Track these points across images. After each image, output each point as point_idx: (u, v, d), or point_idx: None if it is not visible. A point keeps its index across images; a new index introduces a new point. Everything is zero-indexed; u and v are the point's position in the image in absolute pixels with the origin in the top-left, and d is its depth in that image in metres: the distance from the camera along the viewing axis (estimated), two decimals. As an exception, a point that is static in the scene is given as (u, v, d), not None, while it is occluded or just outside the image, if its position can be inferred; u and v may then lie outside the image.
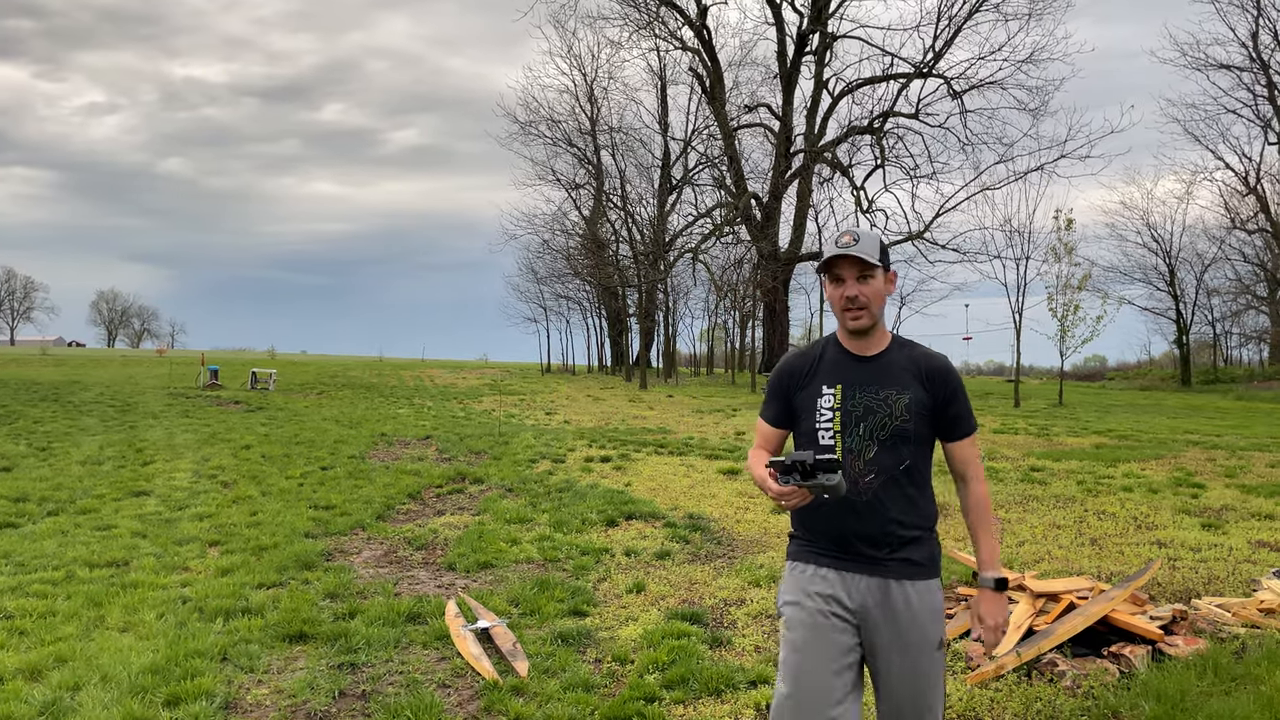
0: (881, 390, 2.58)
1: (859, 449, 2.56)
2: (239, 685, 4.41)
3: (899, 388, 2.58)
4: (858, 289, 2.58)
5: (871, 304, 2.59)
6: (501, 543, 7.33)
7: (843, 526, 2.60)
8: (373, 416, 19.46)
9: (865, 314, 2.59)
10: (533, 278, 50.17)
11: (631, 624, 5.35)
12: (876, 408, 2.56)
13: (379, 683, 4.46)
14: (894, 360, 2.62)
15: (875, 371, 2.61)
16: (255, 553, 6.96)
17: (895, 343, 2.68)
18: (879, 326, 2.66)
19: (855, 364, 2.63)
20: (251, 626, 5.19)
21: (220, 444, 13.76)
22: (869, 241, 2.60)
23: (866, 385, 2.59)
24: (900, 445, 2.56)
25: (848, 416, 2.57)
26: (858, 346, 2.65)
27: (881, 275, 2.61)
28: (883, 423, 2.55)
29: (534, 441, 14.34)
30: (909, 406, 2.56)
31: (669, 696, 4.24)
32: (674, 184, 41.37)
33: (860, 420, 2.56)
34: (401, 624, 5.26)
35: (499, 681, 4.39)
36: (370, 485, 10.08)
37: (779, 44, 36.62)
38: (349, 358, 78.04)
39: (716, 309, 49.29)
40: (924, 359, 2.64)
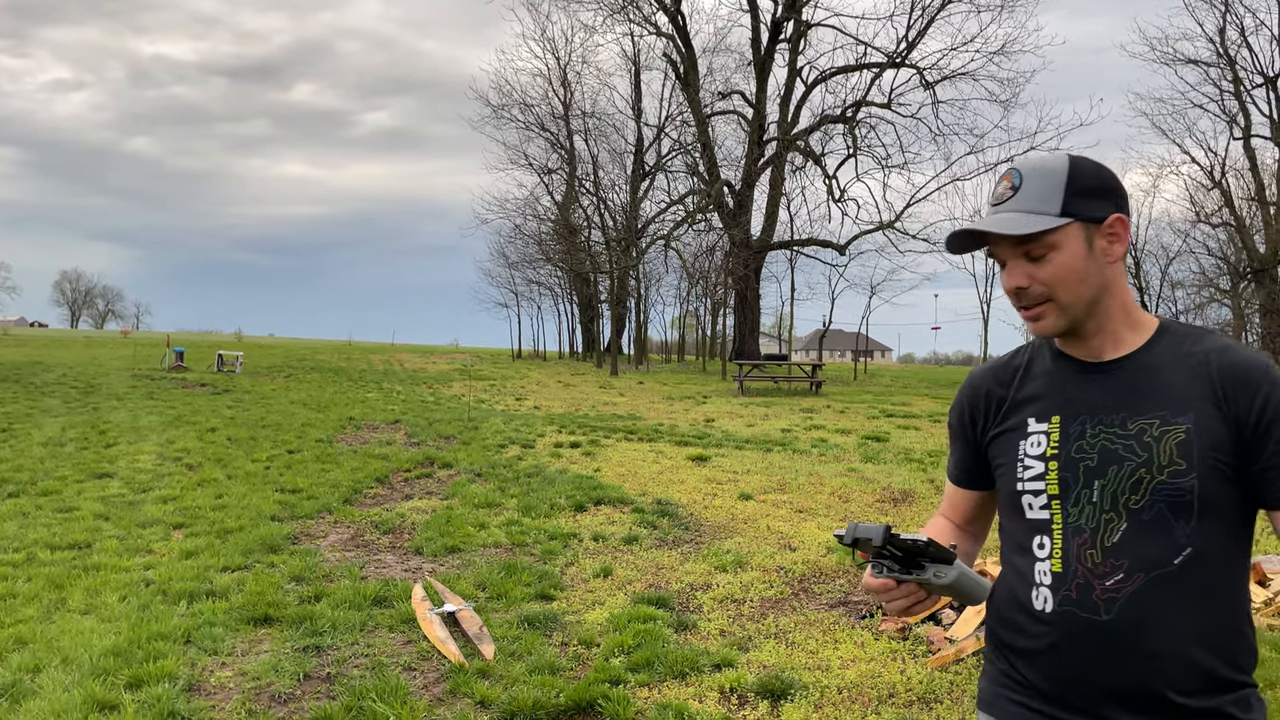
0: (1133, 419, 1.46)
1: (1093, 528, 1.45)
2: (202, 668, 4.39)
3: (1168, 412, 1.44)
4: (1026, 273, 1.48)
5: (1060, 290, 1.47)
6: (469, 527, 7.33)
7: (1066, 669, 1.47)
8: (341, 400, 19.34)
9: (1050, 309, 1.49)
10: (504, 262, 49.95)
11: (598, 608, 5.38)
12: (1123, 452, 1.44)
13: (344, 665, 4.46)
14: (1157, 363, 1.49)
15: (1120, 386, 1.49)
16: (220, 536, 6.92)
17: (1162, 334, 1.52)
18: (1112, 313, 1.51)
19: (1082, 377, 1.53)
20: (216, 609, 5.16)
21: (185, 426, 13.62)
22: (1038, 184, 1.47)
23: (1104, 412, 1.48)
24: (1174, 518, 1.41)
25: (1071, 470, 1.48)
26: (1084, 348, 1.54)
27: (1078, 236, 1.46)
28: (1136, 478, 1.43)
29: (503, 427, 14.32)
30: (1188, 446, 1.41)
31: (634, 679, 4.27)
32: (647, 170, 41.29)
33: (1094, 475, 1.46)
34: (368, 607, 5.26)
35: (465, 664, 4.40)
36: (337, 469, 10.03)
37: (753, 31, 36.60)
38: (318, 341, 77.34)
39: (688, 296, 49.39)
40: (1217, 357, 1.46)
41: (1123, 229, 1.48)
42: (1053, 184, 1.46)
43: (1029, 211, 1.46)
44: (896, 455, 11.87)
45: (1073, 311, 1.49)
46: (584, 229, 42.79)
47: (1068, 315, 1.49)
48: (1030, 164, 1.50)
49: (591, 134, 40.21)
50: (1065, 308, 1.48)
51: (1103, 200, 1.47)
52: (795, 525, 7.62)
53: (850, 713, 3.97)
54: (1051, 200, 1.45)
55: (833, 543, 6.89)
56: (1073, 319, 1.50)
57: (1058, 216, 1.45)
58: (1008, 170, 1.52)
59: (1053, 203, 1.45)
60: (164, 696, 3.99)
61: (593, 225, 42.61)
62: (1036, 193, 1.47)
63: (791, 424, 15.80)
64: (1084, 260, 1.47)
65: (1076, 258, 1.46)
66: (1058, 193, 1.46)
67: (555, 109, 41.00)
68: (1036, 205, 1.46)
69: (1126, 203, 1.50)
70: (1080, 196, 1.46)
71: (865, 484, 9.58)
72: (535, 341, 55.93)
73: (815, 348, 47.84)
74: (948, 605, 5.04)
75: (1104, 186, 1.48)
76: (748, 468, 10.58)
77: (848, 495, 9.00)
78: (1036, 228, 1.44)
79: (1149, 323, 1.53)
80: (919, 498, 8.91)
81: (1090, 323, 1.51)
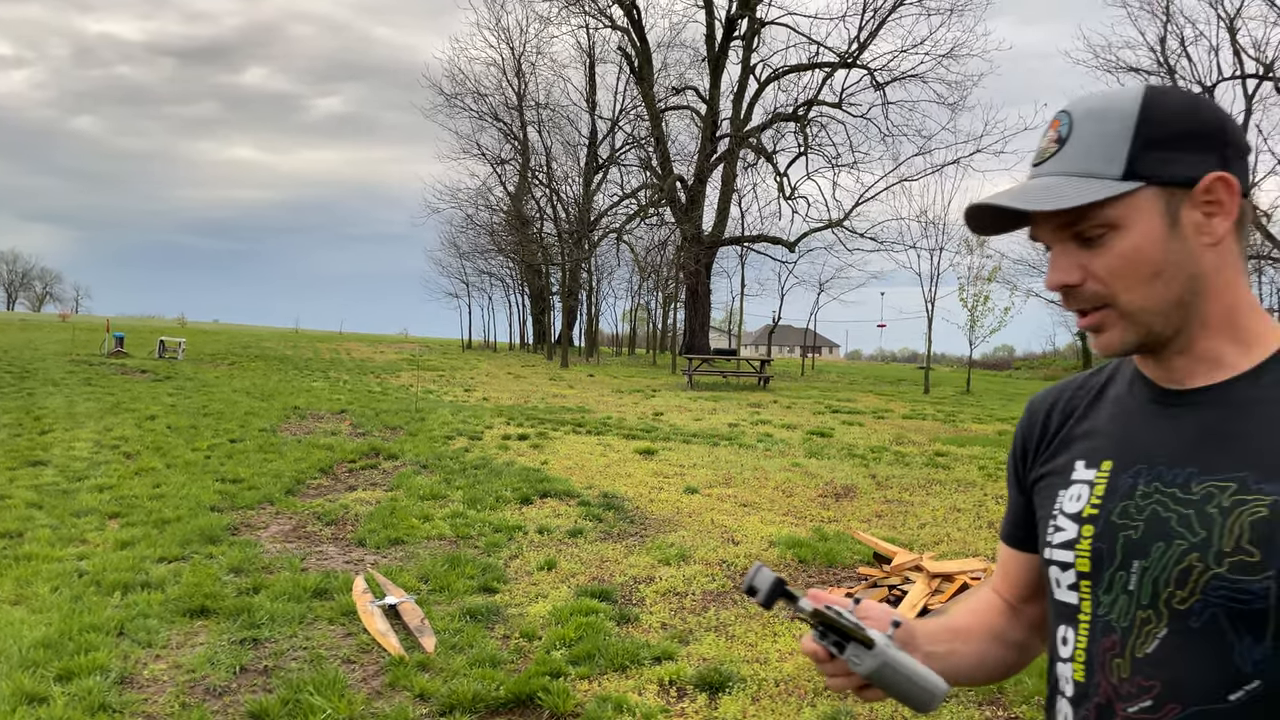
0: (1201, 478, 0.99)
1: (1125, 627, 1.02)
2: (135, 660, 4.34)
3: (1252, 474, 0.96)
4: (1077, 264, 1.03)
5: (1123, 289, 1.01)
6: (414, 519, 7.30)
7: None
8: (286, 389, 19.06)
9: (1112, 318, 1.03)
10: (455, 252, 49.57)
11: (541, 601, 5.40)
12: (1176, 524, 0.99)
13: (282, 658, 4.42)
14: (1263, 398, 1.00)
15: (1198, 428, 1.02)
16: (157, 526, 6.80)
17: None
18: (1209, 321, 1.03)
19: (1154, 409, 1.07)
20: (151, 601, 5.09)
21: (124, 414, 13.33)
22: (1094, 132, 1.02)
23: (1167, 463, 1.03)
24: (1234, 633, 0.95)
25: (1108, 540, 1.04)
26: (1163, 369, 1.07)
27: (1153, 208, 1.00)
28: (1185, 565, 0.97)
29: (451, 418, 14.24)
30: (1268, 529, 0.93)
31: (574, 672, 4.30)
32: (600, 163, 41.22)
33: (1134, 552, 1.02)
34: (308, 600, 5.22)
35: (405, 657, 4.40)
36: (281, 459, 9.90)
37: (708, 27, 36.70)
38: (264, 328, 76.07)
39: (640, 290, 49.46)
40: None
41: (1227, 194, 0.99)
42: (1115, 131, 1.00)
43: (1077, 174, 1.01)
44: (840, 451, 12.03)
45: (1146, 320, 1.01)
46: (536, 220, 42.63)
47: (1139, 326, 1.02)
48: (1087, 105, 1.04)
49: (545, 125, 40.04)
50: (1134, 314, 1.01)
51: (1198, 153, 0.99)
52: (739, 519, 7.70)
53: (786, 705, 4.04)
54: (1113, 156, 0.99)
55: (775, 536, 6.98)
56: (1148, 331, 1.02)
57: (1119, 180, 0.99)
58: (1056, 116, 1.07)
59: (1114, 159, 0.99)
60: (95, 689, 3.93)
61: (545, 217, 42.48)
62: (1090, 145, 1.01)
63: (739, 418, 15.93)
64: (1162, 244, 0.99)
65: (1150, 240, 0.99)
66: (1122, 144, 0.99)
67: (509, 99, 40.77)
68: (1088, 164, 1.01)
69: (1242, 154, 1.01)
70: (1158, 148, 0.99)
71: (808, 479, 9.70)
72: (486, 332, 55.64)
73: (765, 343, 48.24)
74: (882, 601, 5.14)
75: (1200, 131, 0.99)
76: (694, 461, 10.66)
77: (791, 490, 9.11)
78: (1079, 199, 0.98)
79: (1271, 337, 1.02)
80: (860, 493, 9.06)
81: (1177, 336, 1.02)
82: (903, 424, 16.13)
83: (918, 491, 9.28)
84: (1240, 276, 1.03)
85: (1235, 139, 1.01)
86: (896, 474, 10.25)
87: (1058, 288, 1.05)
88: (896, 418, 17.22)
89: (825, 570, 6.23)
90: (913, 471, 10.52)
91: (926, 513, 8.23)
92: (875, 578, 5.47)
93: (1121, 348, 1.04)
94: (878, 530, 7.39)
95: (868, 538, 6.37)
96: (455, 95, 40.92)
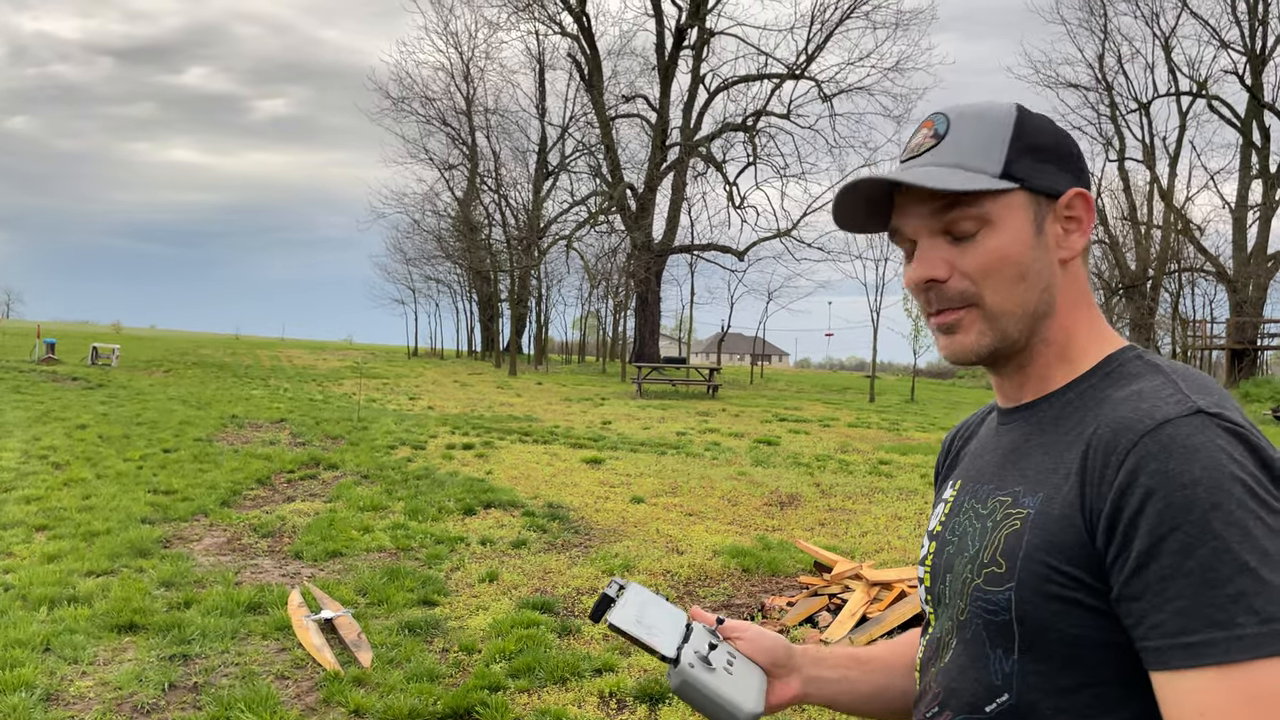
0: (996, 493, 1.01)
1: (937, 637, 1.06)
2: (61, 676, 4.20)
3: (1024, 487, 0.97)
4: (945, 259, 1.00)
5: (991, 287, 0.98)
6: (353, 531, 7.18)
7: None
8: (224, 397, 18.68)
9: (973, 319, 1.00)
10: (401, 258, 49.08)
11: (482, 613, 5.34)
12: (970, 539, 1.01)
13: (213, 674, 4.32)
14: (1059, 414, 1.00)
15: (1010, 444, 1.04)
16: (86, 539, 6.61)
17: (1098, 371, 1.00)
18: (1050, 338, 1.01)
19: (993, 431, 1.10)
20: (78, 616, 4.94)
21: (54, 422, 12.95)
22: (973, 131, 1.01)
23: (984, 480, 1.06)
24: (989, 644, 0.96)
25: (940, 555, 1.07)
26: (1002, 387, 1.07)
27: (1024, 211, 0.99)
28: (964, 578, 1.00)
29: (394, 427, 14.07)
30: (1014, 541, 0.94)
31: (514, 685, 4.26)
32: (550, 170, 41.12)
33: (948, 568, 1.05)
34: (241, 614, 5.10)
35: (340, 672, 4.31)
36: (216, 469, 9.69)
37: (658, 36, 36.85)
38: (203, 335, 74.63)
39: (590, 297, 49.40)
40: (1114, 408, 0.92)
41: (1086, 211, 1.00)
42: (993, 132, 1.00)
43: (956, 166, 0.98)
44: (786, 459, 12.11)
45: (1005, 324, 0.98)
46: (485, 227, 42.36)
47: (997, 330, 0.98)
48: (962, 108, 1.03)
49: (494, 131, 39.86)
50: (996, 316, 0.98)
51: (1062, 169, 1.00)
52: (684, 529, 7.70)
53: (726, 716, 4.04)
54: (991, 154, 0.98)
55: (719, 545, 6.99)
56: (1004, 336, 0.99)
57: (997, 177, 0.97)
58: (929, 117, 1.04)
59: (992, 158, 0.98)
60: (19, 706, 3.81)
61: (494, 223, 42.24)
62: (970, 142, 0.99)
63: (687, 427, 15.97)
64: (1029, 248, 0.97)
65: (1019, 242, 0.97)
66: (999, 145, 0.99)
67: (457, 104, 40.49)
68: (967, 159, 0.98)
69: (1089, 181, 1.04)
70: (1032, 156, 0.99)
71: (754, 487, 9.75)
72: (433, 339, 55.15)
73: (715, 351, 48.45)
74: (822, 609, 5.18)
75: (1064, 151, 1.01)
76: (641, 470, 10.65)
77: (737, 499, 9.14)
78: (966, 186, 0.96)
79: (1091, 353, 1.00)
80: (805, 501, 9.12)
81: (1021, 352, 1.01)
82: (848, 432, 16.30)
83: (861, 500, 9.37)
84: (1082, 301, 1.02)
85: (1085, 167, 1.04)
86: (840, 482, 10.35)
87: (924, 281, 1.00)
88: (842, 426, 17.40)
89: (768, 579, 6.26)
90: (856, 480, 10.63)
91: (869, 521, 8.31)
92: (816, 586, 5.50)
93: (975, 351, 1.00)
94: (820, 539, 7.44)
95: (809, 547, 6.41)
96: (402, 99, 40.54)
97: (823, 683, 1.18)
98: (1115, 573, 0.85)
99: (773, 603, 5.47)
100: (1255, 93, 32.32)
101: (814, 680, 1.17)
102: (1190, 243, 35.15)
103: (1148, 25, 36.20)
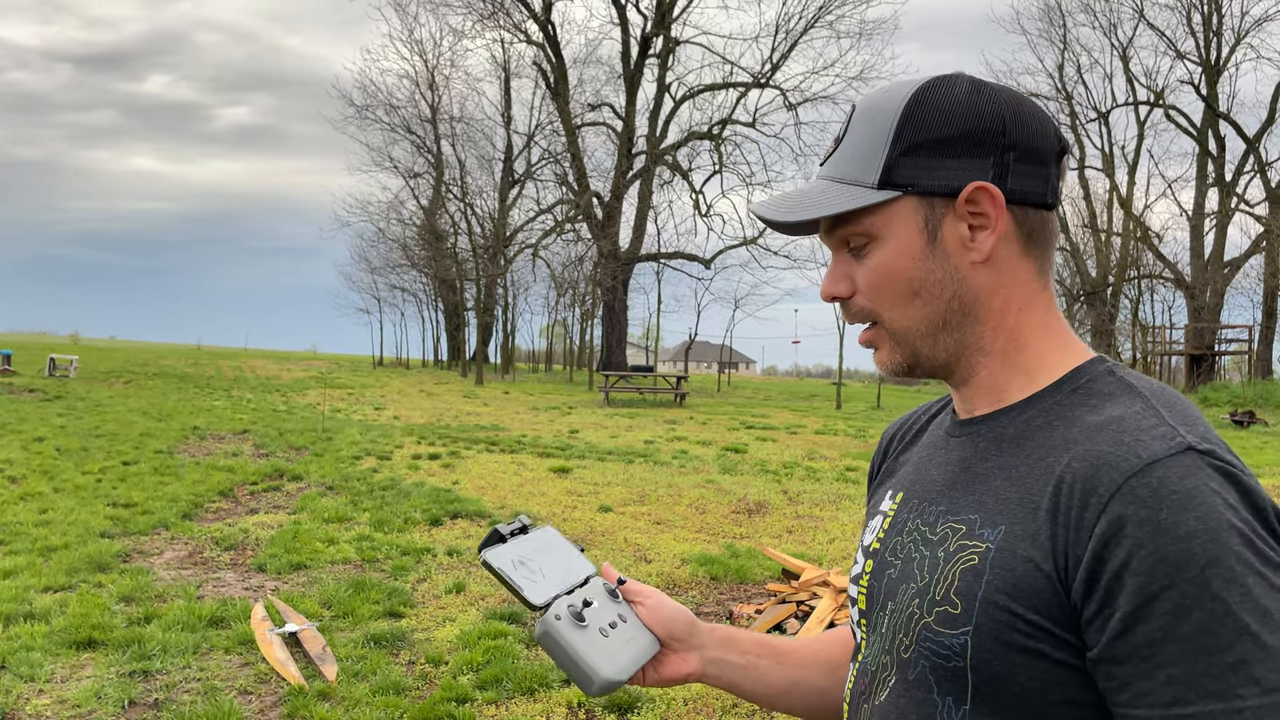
0: (946, 518, 0.90)
1: (873, 670, 0.95)
2: (17, 695, 4.12)
3: (980, 516, 0.86)
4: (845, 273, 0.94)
5: (880, 304, 0.92)
6: (317, 543, 7.09)
7: None
8: (185, 409, 18.42)
9: (881, 335, 0.95)
10: (367, 267, 48.73)
11: (449, 625, 5.30)
12: (917, 567, 0.90)
13: (174, 690, 4.24)
14: (1019, 433, 0.88)
15: (960, 462, 0.93)
16: (43, 553, 6.48)
17: (1064, 385, 0.88)
18: (984, 346, 0.92)
19: (942, 443, 0.99)
20: (35, 633, 4.84)
21: (9, 435, 12.70)
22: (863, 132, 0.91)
23: (932, 499, 0.94)
24: (937, 691, 0.85)
25: (879, 578, 0.97)
26: (957, 397, 0.98)
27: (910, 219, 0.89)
28: (910, 611, 0.89)
29: (359, 438, 13.95)
30: (972, 578, 0.82)
31: (481, 697, 4.22)
32: (516, 178, 41.04)
33: (889, 594, 0.94)
34: (203, 629, 5.02)
35: (305, 686, 4.26)
36: (178, 482, 9.54)
37: (623, 45, 36.96)
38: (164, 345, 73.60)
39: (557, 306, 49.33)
40: (1090, 436, 0.81)
41: (991, 205, 0.87)
42: (877, 133, 0.89)
43: (841, 181, 0.91)
44: (753, 467, 12.15)
45: (910, 341, 0.92)
46: (450, 235, 42.17)
47: (905, 347, 0.92)
48: (868, 100, 0.93)
49: (459, 139, 39.71)
50: (898, 335, 0.92)
51: (968, 158, 0.87)
52: (652, 537, 7.69)
53: (695, 724, 4.03)
54: (870, 161, 0.89)
55: (687, 554, 6.99)
56: (914, 353, 0.92)
57: (873, 187, 0.88)
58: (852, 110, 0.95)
59: (871, 166, 0.89)
60: (-32, 730, 3.71)
61: (459, 231, 42.05)
62: (856, 148, 0.91)
63: (655, 435, 15.97)
64: (920, 260, 0.89)
65: (906, 255, 0.89)
66: (880, 149, 0.89)
67: (422, 112, 40.34)
68: (851, 169, 0.90)
69: (1035, 157, 0.88)
70: (919, 153, 0.88)
71: (722, 495, 9.76)
72: (399, 349, 54.73)
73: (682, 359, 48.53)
74: (791, 616, 5.19)
75: (974, 132, 0.87)
76: (609, 479, 10.63)
77: (704, 507, 9.15)
78: (822, 210, 0.90)
79: (1052, 364, 0.90)
80: (772, 509, 9.15)
81: (957, 363, 0.93)
82: (815, 439, 16.39)
83: (828, 507, 9.41)
84: (1031, 298, 0.91)
85: (1023, 139, 0.87)
86: (808, 489, 10.39)
87: (828, 299, 0.95)
88: (809, 433, 17.48)
89: (737, 587, 6.26)
90: (824, 487, 10.68)
91: (836, 528, 8.35)
92: (784, 594, 5.52)
93: (892, 368, 0.94)
94: (788, 546, 7.47)
95: (777, 554, 6.43)
96: (367, 107, 40.34)
97: (726, 665, 1.11)
98: (1094, 630, 0.75)
99: (741, 610, 5.48)
100: (1210, 102, 33.03)
101: (716, 661, 1.11)
102: (1149, 250, 35.78)
103: (1106, 36, 36.93)
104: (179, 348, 65.61)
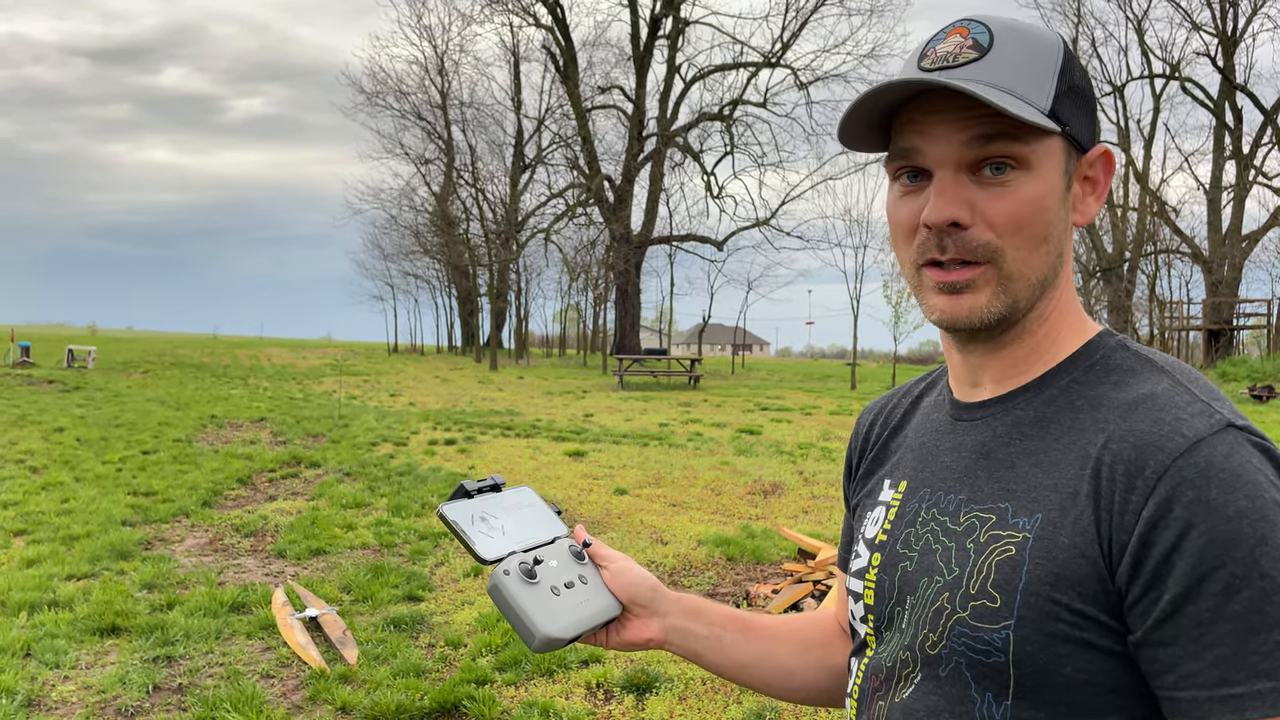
0: (970, 507, 0.86)
1: (890, 667, 0.91)
2: (43, 682, 4.17)
3: (1013, 505, 0.82)
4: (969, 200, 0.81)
5: (1017, 241, 0.82)
6: (336, 528, 7.15)
7: None
8: (203, 398, 18.55)
9: (989, 277, 0.83)
10: (379, 254, 48.92)
11: (467, 607, 5.33)
12: (941, 558, 0.86)
13: (197, 675, 4.29)
14: (1041, 415, 0.85)
15: (977, 448, 0.88)
16: (65, 542, 6.55)
17: (1079, 361, 0.86)
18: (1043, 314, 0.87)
19: (948, 428, 0.94)
20: (59, 620, 4.90)
21: (30, 426, 12.82)
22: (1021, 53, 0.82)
23: (947, 487, 0.89)
24: (975, 687, 0.82)
25: (889, 571, 0.92)
26: (964, 375, 0.93)
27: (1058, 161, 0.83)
28: (938, 606, 0.84)
29: (375, 424, 14.01)
30: (1012, 570, 0.79)
31: (501, 679, 4.25)
32: (527, 163, 41.00)
33: (908, 587, 0.89)
34: (225, 614, 5.07)
35: (326, 670, 4.30)
36: (197, 470, 9.62)
37: (633, 26, 36.76)
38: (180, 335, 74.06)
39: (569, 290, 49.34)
40: (1125, 416, 0.79)
41: (1106, 174, 0.87)
42: (1044, 60, 0.82)
43: (1008, 90, 0.80)
44: (768, 448, 12.15)
45: (1018, 291, 0.83)
46: (462, 221, 42.22)
47: (1010, 295, 0.83)
48: (1004, 22, 0.84)
49: (470, 124, 39.71)
50: (1013, 279, 0.83)
51: (1089, 116, 0.86)
52: (668, 519, 7.71)
53: (713, 704, 4.05)
54: (1041, 85, 0.81)
55: (703, 535, 7.01)
56: (1013, 305, 0.84)
57: (1045, 115, 0.81)
58: (960, 23, 0.85)
59: (1042, 90, 0.81)
60: (1, 713, 3.77)
61: (471, 217, 42.09)
62: (1018, 64, 0.81)
63: (669, 418, 15.98)
64: (1057, 204, 0.83)
65: (1051, 195, 0.82)
66: (1050, 75, 0.82)
67: (432, 98, 40.31)
68: (1019, 84, 0.81)
69: None
70: (1072, 97, 0.83)
71: (737, 477, 9.77)
72: (413, 335, 54.97)
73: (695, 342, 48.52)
74: (807, 596, 5.20)
75: (1091, 96, 0.86)
76: (624, 462, 10.65)
77: (720, 488, 9.17)
78: (1027, 115, 0.78)
79: (1066, 339, 0.87)
80: (788, 489, 9.15)
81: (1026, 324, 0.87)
82: (830, 420, 16.37)
83: (840, 488, 9.39)
84: (1070, 277, 0.89)
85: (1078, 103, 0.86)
86: (823, 470, 10.39)
87: (947, 223, 0.82)
88: (824, 414, 17.46)
89: (753, 567, 6.28)
90: (839, 467, 10.67)
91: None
92: (800, 573, 5.53)
93: (984, 317, 0.84)
94: (804, 526, 7.47)
95: (793, 534, 6.43)
96: (376, 94, 40.38)
97: (689, 634, 1.09)
98: (1138, 614, 0.74)
99: (758, 590, 5.49)
100: (1227, 74, 32.62)
101: (679, 630, 1.09)
102: (1166, 224, 35.46)
103: (1120, 8, 36.52)
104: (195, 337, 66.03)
